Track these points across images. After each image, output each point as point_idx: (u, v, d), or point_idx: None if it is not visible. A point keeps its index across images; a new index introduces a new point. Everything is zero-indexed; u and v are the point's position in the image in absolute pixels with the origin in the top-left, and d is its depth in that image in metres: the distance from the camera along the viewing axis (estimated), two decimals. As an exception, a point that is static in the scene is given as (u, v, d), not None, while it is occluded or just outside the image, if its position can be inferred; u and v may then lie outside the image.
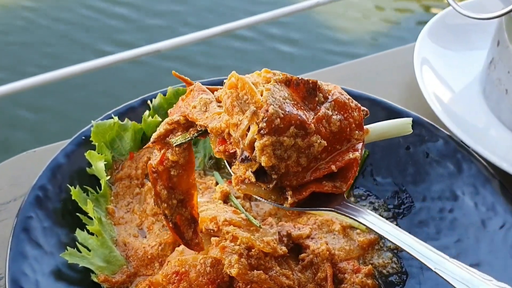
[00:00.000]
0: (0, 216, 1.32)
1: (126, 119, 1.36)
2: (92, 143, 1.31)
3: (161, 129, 1.05)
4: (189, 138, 1.03)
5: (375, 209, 1.36)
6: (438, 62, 1.68)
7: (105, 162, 1.28)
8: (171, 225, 1.11)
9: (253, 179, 0.94)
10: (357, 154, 1.00)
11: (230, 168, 0.99)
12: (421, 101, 1.57)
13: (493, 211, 1.28)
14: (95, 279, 1.15)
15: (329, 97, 1.01)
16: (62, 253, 1.13)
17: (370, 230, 1.31)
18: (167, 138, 1.05)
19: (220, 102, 1.01)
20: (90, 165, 1.30)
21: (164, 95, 1.40)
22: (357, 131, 1.02)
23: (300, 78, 0.97)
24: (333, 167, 0.98)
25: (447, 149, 1.38)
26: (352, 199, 1.39)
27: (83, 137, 1.32)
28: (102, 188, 1.26)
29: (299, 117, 0.93)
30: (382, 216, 1.32)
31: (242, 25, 2.93)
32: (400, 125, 1.12)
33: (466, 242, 1.27)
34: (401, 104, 1.48)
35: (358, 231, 1.31)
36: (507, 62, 1.51)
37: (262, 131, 0.91)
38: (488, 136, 1.53)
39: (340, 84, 1.44)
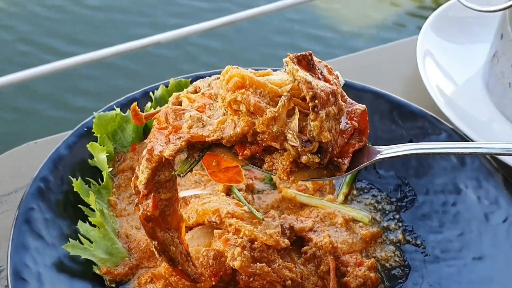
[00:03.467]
0: (2, 207, 1.32)
1: (128, 111, 1.35)
2: (94, 134, 1.30)
3: (145, 173, 0.96)
4: (197, 160, 0.97)
5: (378, 202, 1.36)
6: (441, 55, 1.67)
7: (107, 154, 1.27)
8: (179, 268, 1.06)
9: (317, 159, 0.91)
10: (362, 105, 1.01)
11: (261, 168, 0.95)
12: (424, 94, 1.57)
13: (496, 204, 1.28)
14: (97, 271, 1.15)
15: (317, 64, 0.99)
16: (64, 245, 1.13)
17: (373, 223, 1.31)
18: (156, 178, 0.98)
19: (200, 112, 0.96)
20: (92, 157, 1.29)
21: (166, 86, 1.40)
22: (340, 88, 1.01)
23: (299, 54, 0.95)
24: (355, 123, 0.99)
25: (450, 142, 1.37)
26: (355, 192, 1.38)
27: (85, 129, 1.32)
28: (104, 179, 1.26)
29: (330, 87, 0.92)
30: (385, 210, 1.33)
31: (242, 17, 2.93)
32: None
33: (469, 236, 1.27)
34: (404, 97, 1.47)
35: (360, 224, 1.31)
36: (510, 56, 1.50)
37: (315, 109, 0.89)
38: (491, 129, 1.52)
39: (342, 76, 1.44)
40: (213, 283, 1.13)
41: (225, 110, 0.95)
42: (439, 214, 1.32)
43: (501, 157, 1.38)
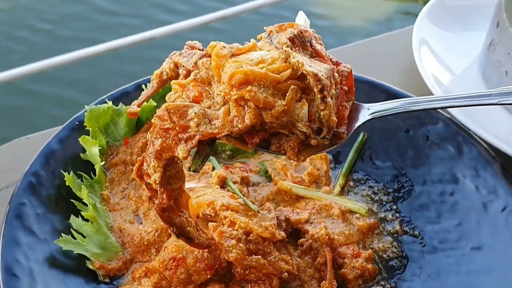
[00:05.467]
0: (-7, 203, 1.30)
1: (120, 104, 1.33)
2: (86, 128, 1.28)
3: (158, 172, 0.96)
4: (209, 154, 0.98)
5: (374, 193, 1.34)
6: (437, 44, 1.65)
7: (100, 148, 1.25)
8: (195, 242, 1.06)
9: (327, 142, 0.94)
10: (347, 65, 1.02)
11: (268, 150, 0.97)
12: (420, 84, 1.55)
13: (495, 193, 1.26)
14: (90, 266, 1.13)
15: (306, 36, 0.97)
16: (56, 240, 1.11)
17: (370, 214, 1.30)
18: (168, 173, 0.98)
19: (198, 102, 0.96)
20: (84, 151, 1.27)
21: (159, 79, 1.38)
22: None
23: (292, 36, 0.94)
24: (345, 87, 1.00)
25: (447, 132, 1.36)
26: (351, 183, 1.37)
27: (77, 122, 1.30)
28: (97, 173, 1.24)
29: (329, 68, 0.93)
30: (382, 201, 1.31)
31: (238, 11, 2.91)
32: (300, 21, 1.11)
33: (467, 225, 1.25)
34: (401, 87, 1.46)
35: (357, 215, 1.29)
36: (506, 44, 1.48)
37: (325, 99, 0.90)
38: (488, 118, 1.50)
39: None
40: (209, 276, 1.11)
41: (223, 98, 0.94)
42: (436, 204, 1.30)
43: (498, 146, 1.36)
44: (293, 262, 1.16)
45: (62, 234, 1.13)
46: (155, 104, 1.33)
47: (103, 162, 1.27)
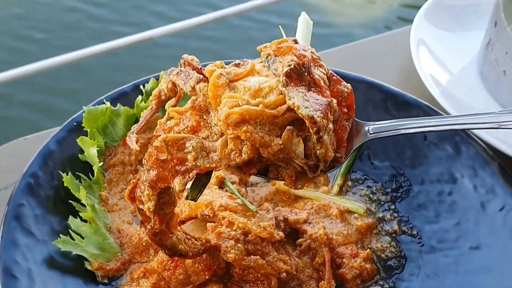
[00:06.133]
0: (-9, 204, 1.30)
1: (118, 105, 1.33)
2: (84, 129, 1.28)
3: (152, 200, 0.97)
4: (206, 184, 0.99)
5: (373, 193, 1.34)
6: (435, 44, 1.65)
7: (98, 148, 1.25)
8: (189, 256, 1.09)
9: (323, 174, 0.99)
10: (348, 85, 1.01)
11: (266, 176, 0.98)
12: (418, 84, 1.55)
13: (493, 193, 1.27)
14: (89, 267, 1.13)
15: (304, 62, 0.97)
16: (55, 241, 1.11)
17: (368, 214, 1.30)
18: (161, 200, 0.98)
19: (196, 131, 0.97)
20: (82, 152, 1.27)
21: (157, 79, 1.38)
22: (324, 66, 1.01)
23: (288, 71, 0.93)
24: (345, 109, 1.00)
25: (445, 131, 1.36)
26: (350, 183, 1.37)
27: (75, 123, 1.30)
28: (95, 174, 1.24)
29: (326, 103, 0.93)
30: (380, 201, 1.31)
31: (234, 12, 2.91)
32: (305, 26, 1.16)
33: (465, 225, 1.25)
34: (399, 87, 1.46)
35: (355, 215, 1.29)
36: (504, 43, 1.48)
37: (320, 139, 0.91)
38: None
39: (336, 67, 1.43)
40: (207, 277, 1.12)
41: (221, 128, 0.95)
42: (435, 204, 1.30)
43: (497, 146, 1.36)
44: (292, 262, 1.16)
45: (61, 235, 1.12)
46: (153, 104, 1.33)
47: (101, 163, 1.26)
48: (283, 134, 0.92)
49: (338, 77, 1.02)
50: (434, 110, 1.39)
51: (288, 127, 0.92)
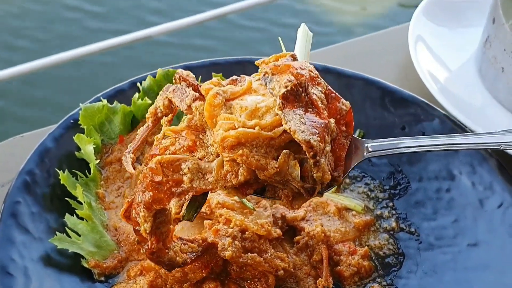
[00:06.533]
0: (-12, 202, 1.29)
1: (115, 102, 1.33)
2: (81, 126, 1.28)
3: (148, 222, 0.96)
4: (202, 203, 0.99)
5: (370, 190, 1.34)
6: (433, 41, 1.65)
7: (94, 146, 1.25)
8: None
9: (320, 196, 0.97)
10: (346, 102, 1.01)
11: (263, 195, 0.98)
12: (417, 81, 1.54)
13: (491, 190, 1.26)
14: (85, 265, 1.13)
15: (301, 81, 0.97)
16: (51, 239, 1.11)
17: (366, 211, 1.29)
18: (157, 220, 0.97)
19: (192, 151, 0.97)
20: (79, 149, 1.27)
21: (154, 77, 1.37)
22: (322, 83, 1.01)
23: (284, 91, 0.93)
24: (343, 128, 0.99)
25: (443, 128, 1.35)
26: (347, 180, 1.36)
27: (72, 121, 1.29)
28: (92, 172, 1.24)
29: (323, 125, 0.93)
30: (378, 198, 1.31)
31: (233, 10, 2.90)
32: (304, 38, 1.15)
33: (463, 222, 1.25)
34: (397, 84, 1.45)
35: (353, 212, 1.29)
36: (502, 40, 1.48)
37: (317, 163, 0.91)
38: (484, 115, 1.50)
39: (334, 64, 1.43)
40: (204, 274, 1.11)
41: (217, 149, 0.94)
42: (433, 201, 1.30)
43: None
44: (289, 259, 1.16)
45: (57, 232, 1.12)
46: (150, 102, 1.32)
47: (98, 161, 1.26)
48: (280, 157, 0.91)
49: (337, 94, 1.01)
50: (432, 107, 1.38)
51: (284, 151, 0.92)
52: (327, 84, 1.02)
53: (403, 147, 1.05)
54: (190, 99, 0.99)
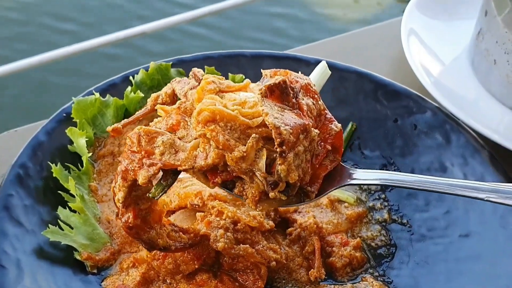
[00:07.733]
0: (-18, 196, 1.29)
1: (107, 96, 1.33)
2: (73, 120, 1.28)
3: (122, 191, 0.98)
4: (170, 185, 0.98)
5: (363, 182, 1.34)
6: (426, 34, 1.65)
7: (87, 139, 1.25)
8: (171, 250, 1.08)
9: (284, 197, 0.94)
10: (338, 124, 1.02)
11: (231, 191, 0.97)
12: (410, 75, 1.54)
13: (483, 181, 1.26)
14: (78, 257, 1.13)
15: (294, 86, 0.98)
16: (44, 231, 1.11)
17: (358, 203, 1.30)
18: (134, 193, 0.99)
19: (174, 130, 0.97)
20: (71, 143, 1.27)
21: (147, 70, 1.37)
22: (320, 102, 1.02)
23: (271, 84, 0.94)
24: (328, 146, 1.00)
25: (436, 120, 1.36)
26: (340, 173, 1.36)
27: (64, 114, 1.29)
28: (84, 165, 1.24)
29: (300, 123, 0.93)
30: (370, 190, 1.31)
31: (229, 5, 2.90)
32: (321, 72, 1.17)
33: (455, 213, 1.25)
34: (390, 77, 1.45)
35: (346, 204, 1.29)
36: (495, 32, 1.48)
37: (283, 154, 0.90)
38: (477, 107, 1.50)
39: (327, 58, 1.42)
40: (197, 266, 1.11)
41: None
42: (424, 192, 1.30)
43: (489, 136, 1.36)
44: (282, 251, 1.17)
45: (50, 225, 1.12)
46: (143, 95, 1.33)
47: (91, 154, 1.26)
48: (248, 141, 0.91)
49: (332, 116, 1.02)
50: (424, 99, 1.39)
51: (253, 135, 0.91)
52: (324, 106, 1.03)
53: (392, 182, 1.04)
54: (189, 86, 1.01)
